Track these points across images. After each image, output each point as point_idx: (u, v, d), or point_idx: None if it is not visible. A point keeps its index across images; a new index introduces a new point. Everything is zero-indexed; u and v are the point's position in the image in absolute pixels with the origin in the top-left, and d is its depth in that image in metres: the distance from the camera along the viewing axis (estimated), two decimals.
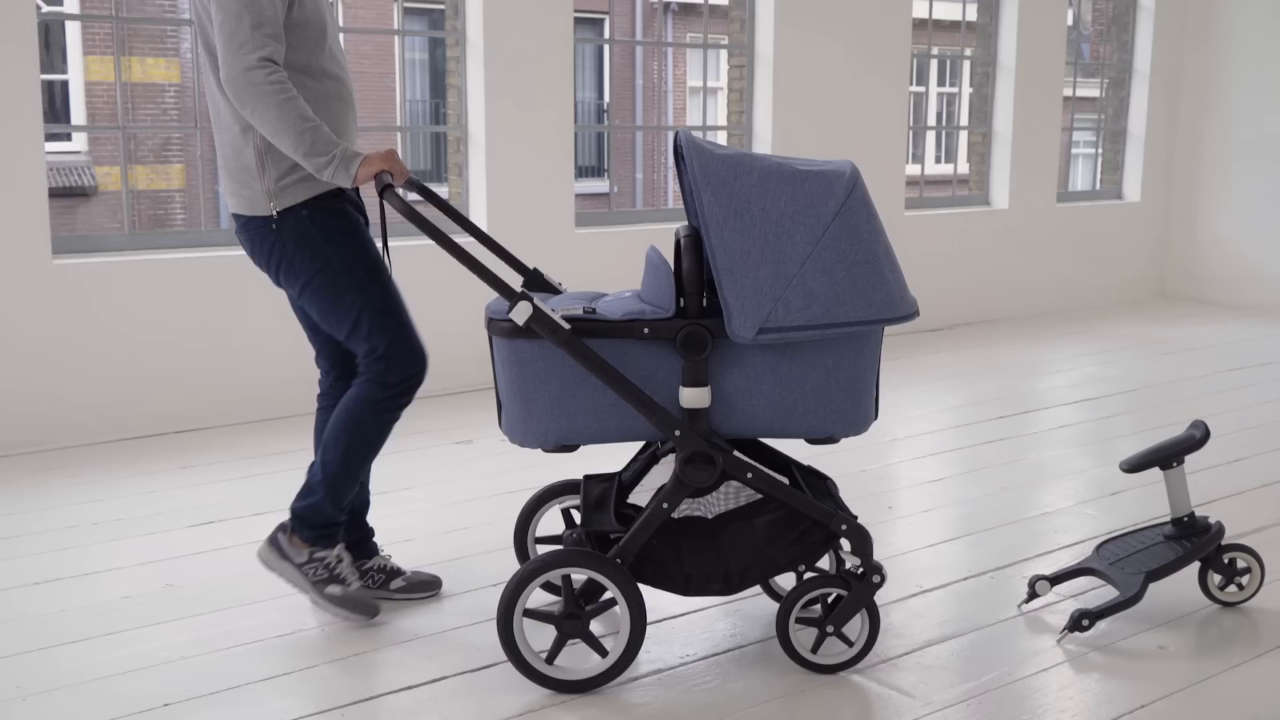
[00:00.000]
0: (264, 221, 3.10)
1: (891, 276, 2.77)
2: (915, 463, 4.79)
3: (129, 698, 2.85)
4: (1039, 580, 3.35)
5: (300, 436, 5.07)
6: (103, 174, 15.60)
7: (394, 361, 3.15)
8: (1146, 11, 8.74)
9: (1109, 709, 2.81)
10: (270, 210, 3.08)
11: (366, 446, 3.20)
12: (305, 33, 3.04)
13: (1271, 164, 8.47)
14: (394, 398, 3.18)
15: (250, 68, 2.87)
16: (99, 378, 5.03)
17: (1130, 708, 2.82)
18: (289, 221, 3.09)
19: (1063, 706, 2.82)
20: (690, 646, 3.13)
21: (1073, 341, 7.39)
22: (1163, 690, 2.90)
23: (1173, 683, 2.94)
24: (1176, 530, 3.32)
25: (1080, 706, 2.83)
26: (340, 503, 3.21)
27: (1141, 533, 3.43)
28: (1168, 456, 3.30)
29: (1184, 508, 3.32)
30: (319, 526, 3.21)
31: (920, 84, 16.16)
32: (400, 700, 2.85)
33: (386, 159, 2.98)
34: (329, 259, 3.11)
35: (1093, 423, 5.44)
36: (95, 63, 15.33)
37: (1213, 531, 3.29)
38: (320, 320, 3.21)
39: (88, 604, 3.39)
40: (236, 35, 2.87)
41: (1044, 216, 8.36)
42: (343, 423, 3.18)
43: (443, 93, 17.04)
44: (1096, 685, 2.93)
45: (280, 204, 3.07)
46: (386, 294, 3.18)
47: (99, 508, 4.20)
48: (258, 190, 3.08)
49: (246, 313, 5.35)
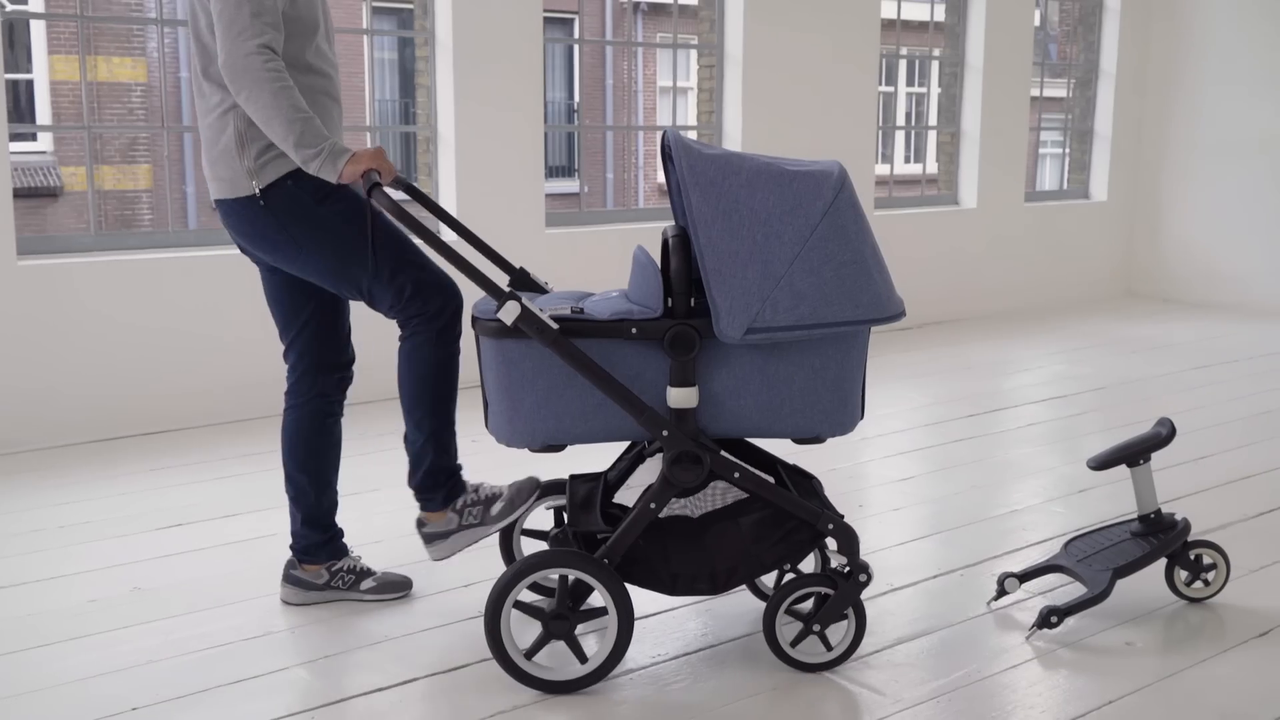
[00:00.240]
0: (250, 201, 3.08)
1: (878, 277, 2.78)
2: (885, 461, 4.81)
3: (98, 701, 2.83)
4: (1008, 578, 3.37)
5: (270, 438, 5.04)
6: (69, 174, 15.47)
7: (428, 293, 3.11)
8: (1112, 12, 8.81)
9: (1077, 705, 2.83)
10: (253, 189, 3.06)
11: (446, 387, 3.17)
12: (295, 27, 3.05)
13: (1237, 164, 8.56)
14: (445, 330, 3.14)
15: (249, 54, 2.87)
16: (66, 380, 4.99)
17: (1098, 703, 2.84)
18: (276, 195, 3.07)
19: (1031, 703, 2.84)
20: (661, 646, 3.14)
21: (1040, 340, 7.43)
22: (1130, 686, 2.93)
23: (1140, 678, 2.96)
24: (1143, 527, 3.35)
25: (1049, 703, 2.84)
26: (450, 451, 3.21)
27: (1109, 530, 3.46)
28: (1135, 454, 3.32)
29: (1151, 505, 3.35)
30: (444, 483, 3.21)
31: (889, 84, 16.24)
32: (371, 702, 2.84)
33: (375, 157, 2.96)
34: (325, 217, 3.08)
35: (1061, 421, 5.48)
36: (60, 62, 15.21)
37: (1179, 528, 3.32)
38: (334, 286, 3.16)
39: (56, 607, 3.36)
40: (236, 22, 2.88)
41: (1012, 216, 8.41)
42: (412, 379, 3.16)
43: (412, 92, 16.99)
44: (1065, 681, 2.95)
45: (262, 180, 3.06)
46: (392, 235, 3.13)
47: (67, 510, 4.16)
48: (239, 170, 3.07)
49: (215, 314, 5.32)
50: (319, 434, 3.35)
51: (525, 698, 2.86)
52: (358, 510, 4.15)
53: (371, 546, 3.82)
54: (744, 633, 3.20)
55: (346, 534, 3.56)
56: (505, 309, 2.74)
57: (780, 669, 2.99)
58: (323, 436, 3.35)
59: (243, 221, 3.12)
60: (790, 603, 2.96)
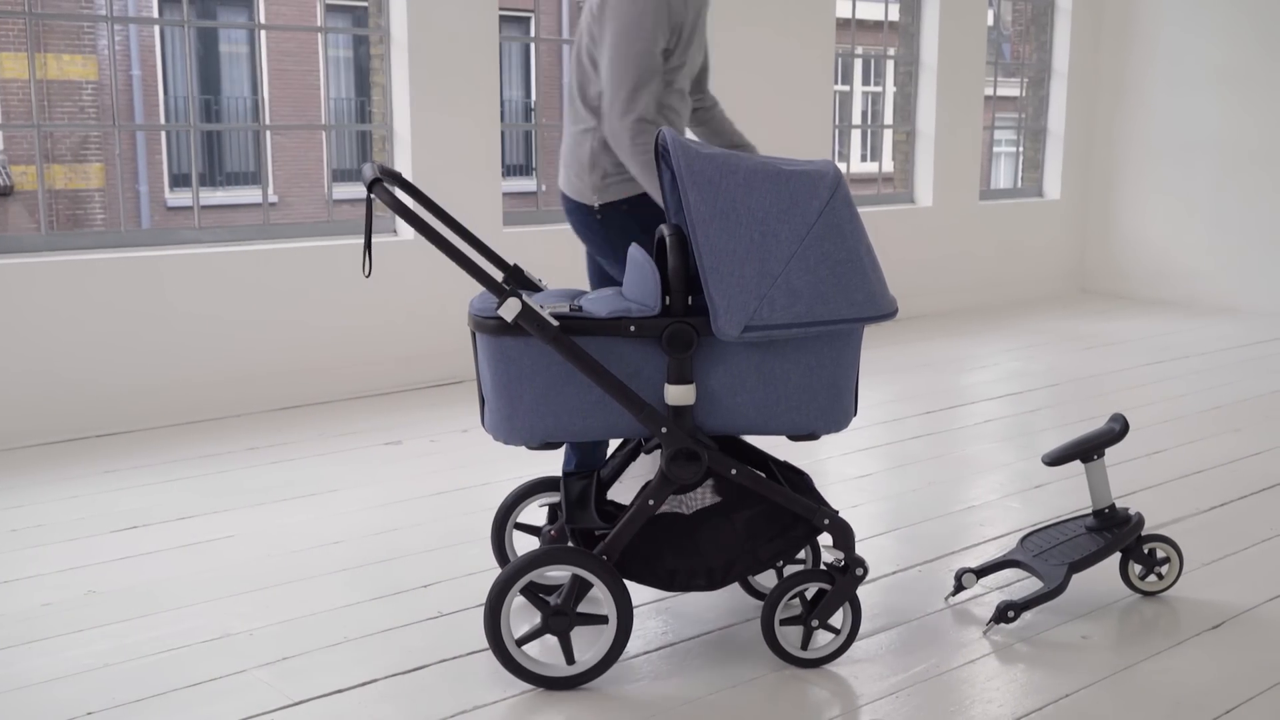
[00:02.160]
0: (589, 210, 3.52)
1: (873, 275, 2.80)
2: (843, 458, 4.83)
3: (51, 706, 2.80)
4: (965, 573, 3.40)
5: (225, 439, 5.00)
6: (19, 173, 15.27)
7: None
8: (1064, 12, 8.90)
9: (1034, 698, 2.86)
10: (594, 202, 3.49)
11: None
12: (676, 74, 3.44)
13: (1187, 162, 8.66)
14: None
15: (625, 129, 3.30)
16: (16, 381, 4.93)
17: (1055, 696, 2.87)
18: (611, 215, 3.49)
19: (989, 697, 2.87)
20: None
21: (995, 337, 7.50)
22: (1086, 679, 2.96)
23: (1096, 672, 3.00)
24: (1098, 521, 3.39)
25: (1006, 696, 2.87)
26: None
27: (1064, 525, 3.49)
28: (1088, 449, 3.36)
29: (1105, 499, 3.39)
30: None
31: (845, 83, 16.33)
32: (331, 704, 2.83)
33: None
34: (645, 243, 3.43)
35: (1016, 417, 5.52)
36: (9, 59, 15.00)
37: (1133, 523, 3.36)
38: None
39: (7, 611, 3.32)
40: (619, 95, 3.30)
41: (967, 214, 8.48)
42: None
43: (367, 90, 16.90)
44: (1022, 675, 2.98)
45: (603, 198, 3.47)
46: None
47: (18, 514, 4.11)
48: (586, 183, 3.49)
49: (168, 314, 5.27)
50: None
51: (486, 696, 2.86)
52: (317, 510, 4.13)
53: (331, 547, 3.80)
54: (704, 630, 3.21)
55: (305, 533, 3.53)
56: (506, 306, 2.73)
57: (740, 665, 3.00)
58: None
59: (578, 221, 3.57)
60: (789, 598, 2.98)
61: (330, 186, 6.37)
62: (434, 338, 6.00)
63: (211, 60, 16.96)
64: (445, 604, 3.38)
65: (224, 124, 17.32)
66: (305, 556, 3.73)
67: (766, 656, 3.04)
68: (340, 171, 16.80)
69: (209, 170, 16.73)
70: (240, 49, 17.18)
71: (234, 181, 16.96)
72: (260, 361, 5.51)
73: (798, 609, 3.05)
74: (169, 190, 16.43)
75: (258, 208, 16.53)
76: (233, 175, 17.23)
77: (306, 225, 5.83)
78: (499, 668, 2.92)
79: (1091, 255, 9.31)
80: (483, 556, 3.71)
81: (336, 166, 16.97)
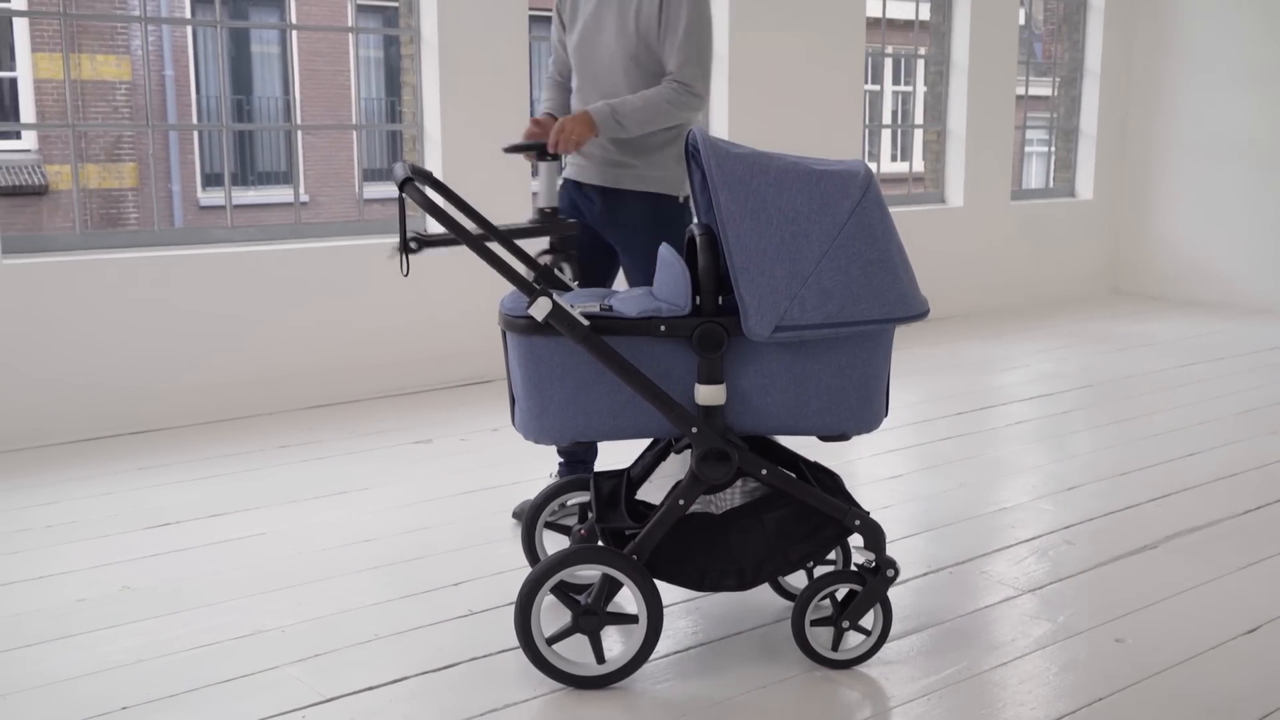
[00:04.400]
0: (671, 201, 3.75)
1: (904, 276, 2.78)
2: (874, 459, 4.82)
3: (86, 701, 2.82)
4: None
5: (256, 437, 5.03)
6: (54, 173, 15.40)
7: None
8: (1096, 11, 8.84)
9: (1067, 701, 2.84)
10: (679, 193, 3.77)
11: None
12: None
13: (1220, 162, 8.59)
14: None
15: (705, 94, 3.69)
16: (51, 379, 4.97)
17: (1088, 700, 2.85)
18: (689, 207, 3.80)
19: (1022, 700, 2.85)
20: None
21: (1027, 338, 7.45)
22: (1120, 683, 2.94)
23: (1130, 676, 2.97)
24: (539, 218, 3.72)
25: (1039, 700, 2.85)
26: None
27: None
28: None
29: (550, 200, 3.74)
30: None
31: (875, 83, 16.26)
32: (360, 701, 2.84)
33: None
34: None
35: (1048, 419, 5.49)
36: (44, 60, 15.13)
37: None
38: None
39: (42, 607, 3.35)
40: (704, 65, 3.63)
41: (998, 214, 8.43)
42: None
43: (398, 90, 16.95)
44: (1055, 679, 2.96)
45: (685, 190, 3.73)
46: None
47: (52, 510, 4.15)
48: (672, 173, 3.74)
49: (200, 312, 5.30)
50: None
51: (516, 695, 2.86)
52: (348, 509, 4.14)
53: (362, 545, 3.81)
54: (734, 631, 3.20)
55: (337, 531, 3.55)
56: (536, 305, 2.74)
57: (770, 666, 3.00)
58: None
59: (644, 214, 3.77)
60: (819, 599, 2.97)
61: (361, 186, 6.40)
62: (464, 337, 6.01)
63: (243, 60, 17.07)
64: (476, 602, 3.39)
65: (256, 124, 17.42)
66: (336, 554, 3.75)
67: (797, 657, 3.03)
68: (371, 171, 16.86)
69: (241, 170, 16.84)
70: (272, 49, 17.28)
71: (266, 181, 17.07)
72: (291, 360, 5.54)
73: (828, 610, 3.04)
74: (201, 190, 16.55)
75: (289, 207, 16.61)
76: (264, 175, 17.34)
77: (337, 224, 5.86)
78: (529, 666, 2.93)
79: (1124, 256, 9.24)
80: (513, 555, 3.72)
81: (367, 166, 17.03)
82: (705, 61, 3.63)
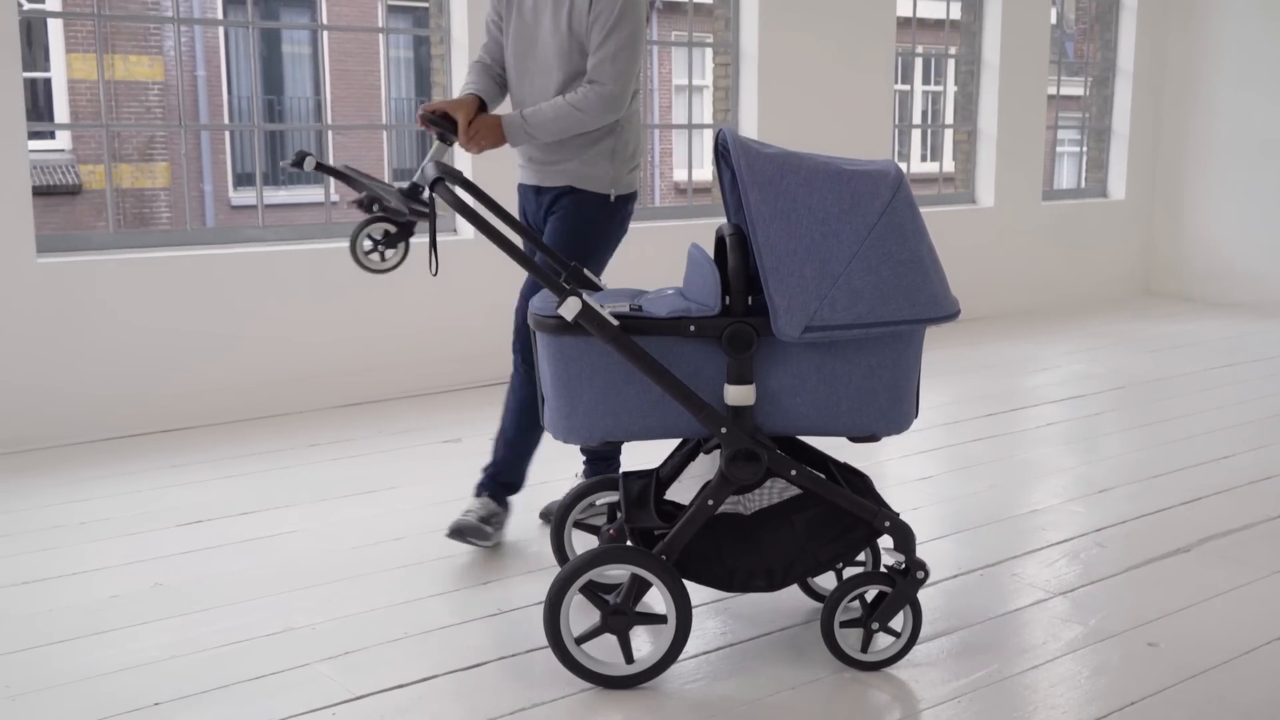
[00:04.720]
0: (601, 200, 3.68)
1: (935, 276, 2.77)
2: (904, 460, 4.80)
3: (118, 697, 2.84)
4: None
5: (286, 436, 5.05)
6: (87, 172, 15.52)
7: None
8: (1129, 10, 8.78)
9: (1099, 705, 2.82)
10: (611, 192, 3.69)
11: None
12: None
13: (1255, 162, 8.51)
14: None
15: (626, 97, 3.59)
16: (85, 377, 5.01)
17: (1120, 704, 2.83)
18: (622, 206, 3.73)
19: (1053, 703, 2.83)
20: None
21: (1059, 339, 7.41)
22: (1153, 687, 2.91)
23: (1162, 680, 2.95)
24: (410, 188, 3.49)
25: (1070, 703, 2.83)
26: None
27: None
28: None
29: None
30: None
31: (905, 82, 16.20)
32: (390, 699, 2.84)
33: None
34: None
35: (1079, 420, 5.46)
36: (78, 60, 15.25)
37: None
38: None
39: (76, 603, 3.37)
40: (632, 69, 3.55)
41: (1029, 214, 8.38)
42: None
43: (428, 91, 17.00)
44: (1087, 682, 2.94)
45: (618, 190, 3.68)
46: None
47: (86, 507, 4.18)
48: (603, 172, 3.66)
49: (232, 312, 5.33)
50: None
51: (545, 694, 2.86)
52: (378, 507, 4.16)
53: (391, 544, 3.83)
54: (763, 631, 3.19)
55: (366, 529, 3.56)
56: (566, 305, 2.74)
57: (799, 667, 2.99)
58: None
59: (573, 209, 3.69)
60: (848, 600, 2.96)
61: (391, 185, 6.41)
62: (494, 336, 6.01)
63: (275, 61, 17.15)
64: (505, 601, 3.40)
65: (287, 124, 17.51)
66: (366, 552, 3.76)
67: (826, 659, 3.02)
68: (401, 170, 16.92)
69: (272, 169, 16.91)
70: (303, 49, 17.36)
71: (296, 181, 17.14)
72: (321, 358, 5.56)
73: (857, 611, 3.03)
74: (233, 189, 16.64)
75: (320, 206, 16.68)
76: (295, 174, 17.40)
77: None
78: (558, 665, 2.93)
79: (1157, 256, 9.17)
80: (541, 555, 3.72)
81: (397, 165, 17.09)
82: (624, 61, 3.51)
